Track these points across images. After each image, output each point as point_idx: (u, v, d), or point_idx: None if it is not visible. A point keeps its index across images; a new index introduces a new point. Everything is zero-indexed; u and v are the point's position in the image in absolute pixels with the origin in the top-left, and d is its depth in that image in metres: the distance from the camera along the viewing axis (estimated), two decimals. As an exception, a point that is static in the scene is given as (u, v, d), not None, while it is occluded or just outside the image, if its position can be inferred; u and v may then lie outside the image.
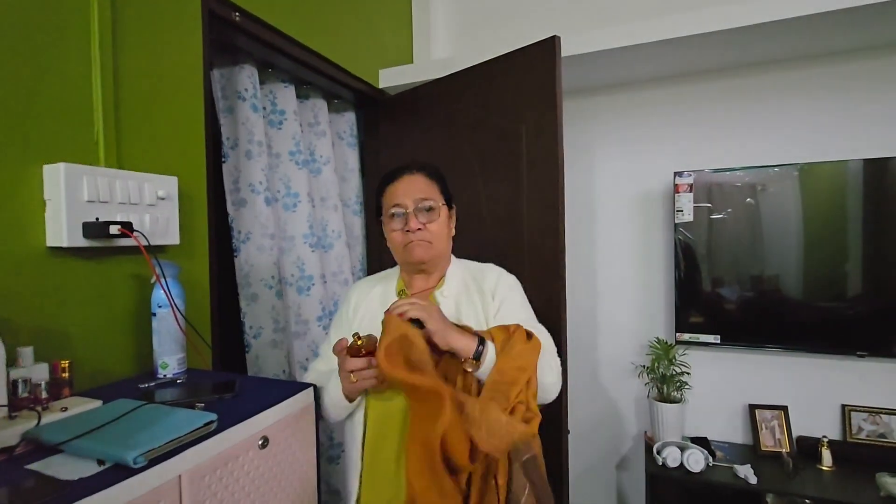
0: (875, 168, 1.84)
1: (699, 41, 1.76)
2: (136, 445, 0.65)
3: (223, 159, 1.61)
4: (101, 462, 0.65)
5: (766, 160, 2.02)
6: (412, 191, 1.04)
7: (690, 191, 2.05)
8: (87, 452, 0.66)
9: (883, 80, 1.88)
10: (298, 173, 1.81)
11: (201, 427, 0.73)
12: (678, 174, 2.06)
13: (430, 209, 1.03)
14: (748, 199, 2.00)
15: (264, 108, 1.76)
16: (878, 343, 1.84)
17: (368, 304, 1.12)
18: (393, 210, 1.05)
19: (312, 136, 1.98)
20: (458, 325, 0.94)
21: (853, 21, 1.63)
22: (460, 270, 1.11)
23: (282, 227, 1.78)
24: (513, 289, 1.08)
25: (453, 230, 1.11)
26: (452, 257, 1.14)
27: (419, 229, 1.02)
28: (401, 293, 1.10)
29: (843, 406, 1.95)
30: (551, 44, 1.57)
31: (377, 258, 2.23)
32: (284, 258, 1.78)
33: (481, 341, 0.91)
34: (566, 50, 1.76)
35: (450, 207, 1.10)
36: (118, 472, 0.63)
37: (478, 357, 0.89)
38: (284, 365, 1.67)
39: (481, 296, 1.05)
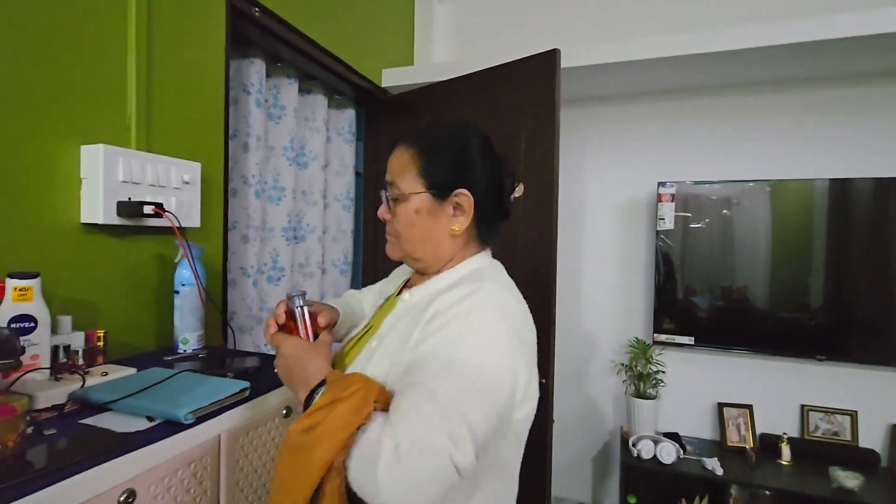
0: (839, 187, 2.00)
1: (688, 62, 1.89)
2: (184, 405, 0.71)
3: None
4: (150, 419, 0.71)
5: (742, 175, 2.17)
6: (389, 169, 0.79)
7: (672, 200, 2.19)
8: (138, 410, 0.71)
9: (851, 106, 2.05)
10: (288, 169, 1.86)
11: (238, 392, 0.79)
12: (661, 184, 2.20)
13: (394, 199, 0.78)
14: (724, 211, 2.15)
15: (266, 102, 1.82)
16: (836, 348, 2.00)
17: (391, 285, 0.96)
18: None
19: (307, 130, 2.04)
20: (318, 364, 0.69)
21: (825, 52, 1.78)
22: (458, 275, 0.77)
23: (264, 218, 1.83)
24: (464, 316, 0.64)
25: (453, 227, 0.76)
26: (478, 258, 0.80)
27: (385, 220, 0.81)
28: (406, 282, 0.89)
29: (802, 406, 2.10)
30: (552, 56, 1.67)
31: (371, 253, 2.30)
32: (262, 248, 1.83)
33: (313, 394, 0.65)
34: (563, 62, 1.87)
35: (440, 194, 0.75)
36: (168, 428, 0.69)
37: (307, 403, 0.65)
38: (250, 349, 1.72)
39: (424, 313, 0.70)
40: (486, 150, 0.79)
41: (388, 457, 0.54)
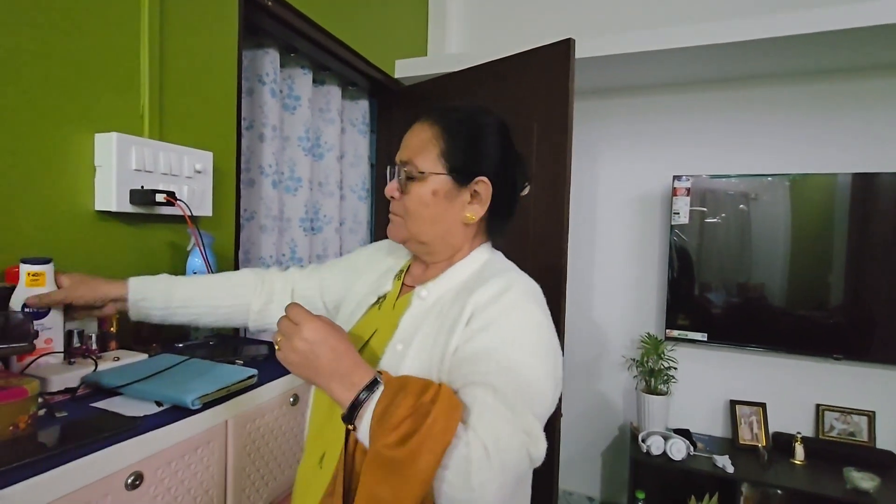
0: (862, 182, 1.94)
1: (705, 52, 1.84)
2: (192, 390, 0.72)
3: (237, 139, 1.66)
4: (159, 404, 0.72)
5: (760, 169, 2.12)
6: (406, 146, 0.75)
7: (688, 195, 2.15)
8: (147, 395, 0.73)
9: (875, 98, 1.98)
10: (304, 159, 1.87)
11: (245, 380, 0.80)
12: (677, 178, 2.16)
13: (409, 178, 0.73)
14: (741, 206, 2.10)
15: (281, 92, 1.82)
16: (854, 347, 1.95)
17: (368, 276, 0.87)
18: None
19: (321, 122, 2.04)
20: (350, 364, 0.60)
21: (848, 42, 1.72)
22: (471, 268, 0.75)
23: (281, 208, 1.85)
24: (509, 312, 0.65)
25: (468, 214, 0.74)
26: (484, 249, 0.78)
27: (393, 198, 0.76)
28: (399, 275, 0.82)
29: (818, 406, 2.06)
30: (566, 46, 1.64)
31: (383, 243, 2.30)
32: (280, 239, 1.84)
33: (363, 395, 0.58)
34: (577, 52, 1.84)
35: (461, 179, 0.73)
36: (177, 413, 0.70)
37: (350, 421, 0.58)
38: (267, 338, 1.74)
39: (459, 312, 0.67)
40: (505, 140, 0.78)
41: (479, 460, 0.53)
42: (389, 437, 0.53)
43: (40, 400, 0.67)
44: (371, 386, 0.58)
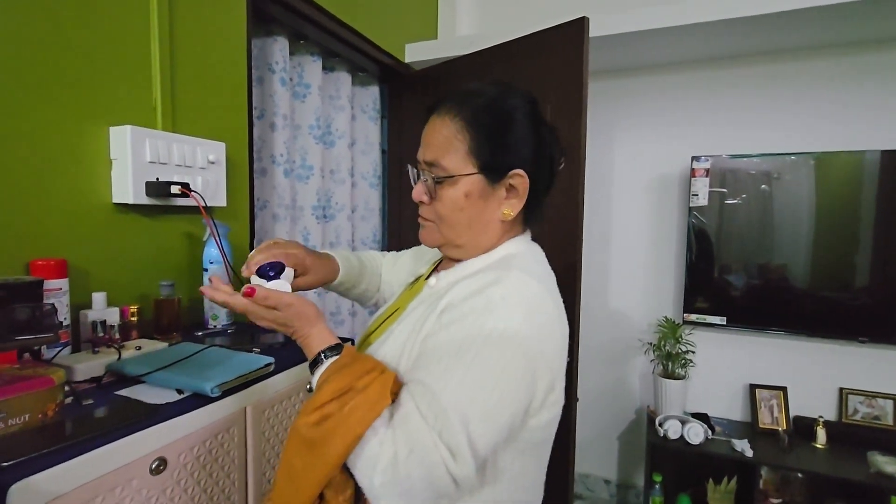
0: (892, 160, 1.87)
1: (725, 27, 1.78)
2: (211, 378, 0.73)
3: (248, 128, 1.66)
4: (179, 391, 0.74)
5: (783, 148, 2.05)
6: (428, 144, 0.69)
7: (707, 175, 2.10)
8: (168, 383, 0.75)
9: (905, 71, 1.90)
10: (315, 147, 1.87)
11: (262, 368, 0.82)
12: (696, 158, 2.10)
13: (438, 181, 0.68)
14: (763, 186, 2.04)
15: (291, 80, 1.82)
16: (880, 330, 1.90)
17: (420, 258, 0.93)
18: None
19: (332, 109, 2.03)
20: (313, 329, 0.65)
21: (875, 12, 1.64)
22: (488, 260, 0.71)
23: (294, 197, 1.86)
24: (480, 315, 0.59)
25: (505, 211, 0.69)
26: (515, 242, 0.73)
27: (422, 202, 0.71)
28: (434, 267, 0.82)
29: (841, 389, 2.02)
30: (580, 25, 1.60)
31: (396, 231, 2.31)
32: (293, 227, 1.86)
33: (324, 355, 0.62)
34: (591, 31, 1.79)
35: (494, 176, 0.67)
36: (197, 400, 0.72)
37: (312, 369, 0.64)
38: None
39: (441, 300, 0.65)
40: (537, 120, 0.70)
41: (385, 463, 0.52)
42: (311, 416, 0.55)
43: (67, 388, 0.69)
44: (330, 350, 0.62)
